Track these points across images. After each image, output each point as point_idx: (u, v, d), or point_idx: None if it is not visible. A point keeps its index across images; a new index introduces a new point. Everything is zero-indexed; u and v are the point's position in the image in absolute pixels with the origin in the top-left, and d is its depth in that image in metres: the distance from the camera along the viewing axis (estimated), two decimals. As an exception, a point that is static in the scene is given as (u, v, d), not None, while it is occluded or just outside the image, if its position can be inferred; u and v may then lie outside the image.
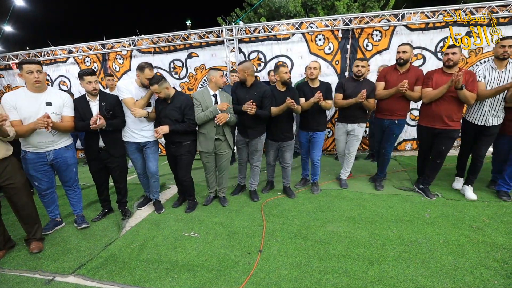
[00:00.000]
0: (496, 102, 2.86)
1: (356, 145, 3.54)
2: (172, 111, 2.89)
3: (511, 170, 3.02)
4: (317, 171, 3.57)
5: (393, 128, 3.30)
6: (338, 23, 4.79)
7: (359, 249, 2.35)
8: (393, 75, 3.20)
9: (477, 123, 3.00)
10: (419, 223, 2.72)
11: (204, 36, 5.20)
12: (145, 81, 2.88)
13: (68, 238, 2.74)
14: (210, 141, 3.03)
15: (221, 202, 3.35)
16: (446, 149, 3.06)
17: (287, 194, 3.52)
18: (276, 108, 3.07)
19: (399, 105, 3.21)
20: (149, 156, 3.10)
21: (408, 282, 1.95)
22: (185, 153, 3.02)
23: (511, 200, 3.05)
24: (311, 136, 3.42)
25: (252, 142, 3.25)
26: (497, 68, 2.83)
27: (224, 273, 2.13)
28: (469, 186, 3.23)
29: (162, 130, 2.86)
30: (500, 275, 1.96)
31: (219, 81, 2.97)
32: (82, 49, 5.68)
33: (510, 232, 2.48)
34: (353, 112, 3.35)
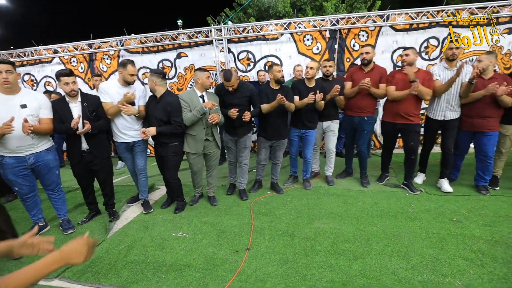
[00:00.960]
0: (452, 98, 3.10)
1: (334, 140, 3.67)
2: (160, 112, 2.88)
3: (480, 165, 3.22)
4: (308, 167, 3.66)
5: (363, 125, 3.46)
6: (325, 23, 4.86)
7: (344, 244, 2.41)
8: (359, 75, 3.35)
9: (438, 118, 3.22)
10: (403, 218, 2.80)
11: (193, 36, 5.19)
12: (129, 78, 2.84)
13: (54, 242, 2.70)
14: (199, 142, 3.03)
15: (211, 202, 3.36)
16: (415, 144, 3.26)
17: (276, 190, 3.58)
18: (267, 105, 3.11)
19: (366, 102, 3.37)
20: (137, 154, 3.11)
21: (390, 274, 2.01)
22: (171, 154, 3.01)
23: (490, 193, 3.19)
24: (303, 133, 3.48)
25: (241, 139, 3.27)
26: (448, 68, 3.12)
27: (211, 272, 2.15)
28: (444, 179, 3.39)
29: (149, 132, 2.85)
30: (476, 265, 2.05)
31: (205, 82, 2.96)
32: (68, 49, 5.58)
33: (487, 224, 2.58)
34: (326, 110, 3.46)
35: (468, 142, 3.26)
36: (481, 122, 3.03)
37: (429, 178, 3.70)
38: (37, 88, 5.89)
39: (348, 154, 3.94)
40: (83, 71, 5.65)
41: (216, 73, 5.30)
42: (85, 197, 3.10)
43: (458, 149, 3.37)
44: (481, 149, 3.14)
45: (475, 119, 3.06)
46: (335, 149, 3.78)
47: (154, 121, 2.90)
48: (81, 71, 5.66)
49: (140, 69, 5.47)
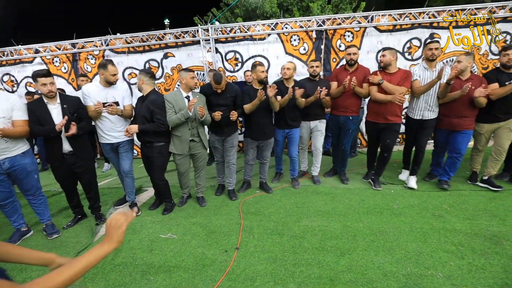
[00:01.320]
0: (431, 98, 3.17)
1: (321, 140, 3.72)
2: (144, 110, 2.86)
3: (449, 161, 3.34)
4: (295, 166, 3.71)
5: (348, 124, 3.54)
6: (312, 24, 4.92)
7: (332, 241, 2.45)
8: (344, 75, 3.41)
9: (416, 117, 3.30)
10: (388, 214, 2.88)
11: (180, 36, 5.14)
12: (111, 78, 2.81)
13: (37, 247, 2.63)
14: (185, 143, 3.02)
15: (199, 203, 3.35)
16: (391, 142, 3.36)
17: (264, 189, 3.62)
18: (249, 104, 3.12)
19: (351, 101, 3.45)
20: (122, 155, 3.07)
21: (376, 269, 2.07)
22: (156, 155, 2.98)
23: (451, 188, 3.36)
24: (288, 133, 3.53)
25: (228, 138, 3.29)
26: (428, 68, 3.17)
27: (200, 272, 2.15)
28: (413, 176, 3.53)
29: (131, 129, 2.85)
30: (456, 257, 2.14)
31: (189, 82, 2.94)
32: (50, 49, 5.42)
33: (467, 218, 2.70)
34: (313, 110, 3.52)
35: (445, 140, 3.38)
36: (458, 121, 3.14)
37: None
38: (18, 89, 5.69)
39: (335, 153, 4.02)
40: (66, 71, 5.50)
41: (204, 74, 5.27)
42: (69, 200, 3.02)
43: (438, 147, 3.50)
44: (455, 146, 3.25)
45: (453, 119, 3.16)
46: (323, 148, 3.84)
47: (139, 120, 2.89)
48: (64, 72, 5.50)
49: (126, 70, 5.37)
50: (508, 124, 3.09)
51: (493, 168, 3.26)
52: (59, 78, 5.48)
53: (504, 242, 2.30)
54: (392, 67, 3.19)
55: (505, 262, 2.06)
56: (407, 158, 3.73)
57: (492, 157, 3.24)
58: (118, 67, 5.23)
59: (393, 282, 1.93)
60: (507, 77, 2.98)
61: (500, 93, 2.94)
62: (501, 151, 3.17)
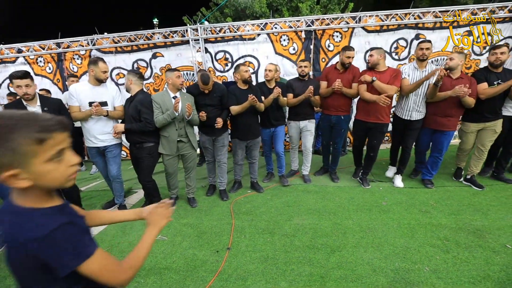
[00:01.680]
0: (419, 99, 3.22)
1: (311, 140, 3.75)
2: (132, 110, 2.84)
3: (431, 160, 3.44)
4: (283, 163, 3.76)
5: (340, 123, 3.59)
6: (301, 24, 4.96)
7: (322, 239, 2.49)
8: (334, 74, 3.46)
9: (404, 117, 3.34)
10: (377, 210, 2.94)
11: (169, 35, 5.09)
12: (102, 75, 2.76)
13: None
14: (172, 143, 3.01)
15: (190, 204, 3.33)
16: (378, 142, 3.44)
17: (256, 189, 3.63)
18: (238, 107, 3.13)
19: (342, 101, 3.49)
20: (109, 160, 3.03)
21: (365, 265, 2.11)
22: (146, 155, 2.95)
23: (435, 186, 3.44)
24: (273, 131, 3.58)
25: (219, 138, 3.29)
26: (418, 68, 3.20)
27: (192, 273, 2.14)
28: (399, 175, 3.61)
29: (117, 128, 2.84)
30: (442, 251, 2.21)
31: (175, 82, 2.92)
32: (34, 48, 5.26)
33: (452, 213, 2.78)
34: (303, 110, 3.54)
35: (428, 139, 3.45)
36: (444, 121, 3.19)
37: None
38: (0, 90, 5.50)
39: (325, 152, 4.06)
40: (51, 71, 5.35)
41: (193, 74, 5.23)
42: None
43: (421, 146, 3.58)
44: (438, 146, 3.33)
45: (439, 117, 3.20)
46: (314, 147, 3.89)
47: (128, 120, 2.88)
48: (49, 72, 5.36)
49: (114, 70, 5.28)
50: (493, 125, 3.14)
51: (476, 167, 3.35)
52: (44, 79, 5.34)
53: (486, 236, 2.38)
54: (381, 66, 3.23)
55: (487, 255, 2.14)
56: (394, 156, 3.82)
57: (475, 156, 3.33)
58: (105, 67, 5.24)
59: (382, 278, 1.98)
60: (495, 76, 3.02)
61: (490, 93, 2.97)
62: (484, 151, 3.25)
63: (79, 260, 0.72)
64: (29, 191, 0.72)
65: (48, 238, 0.68)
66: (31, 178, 0.69)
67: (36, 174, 0.69)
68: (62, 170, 0.74)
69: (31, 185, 0.70)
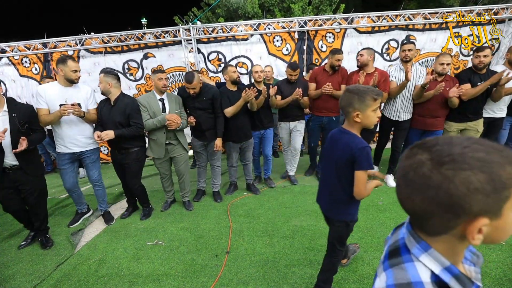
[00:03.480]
0: (407, 100, 3.27)
1: (300, 140, 3.73)
2: (117, 115, 2.67)
3: None
4: (270, 165, 3.80)
5: (331, 124, 3.61)
6: (294, 25, 4.97)
7: (321, 240, 2.48)
8: (323, 76, 3.47)
9: (392, 118, 3.40)
10: (374, 210, 2.96)
11: (160, 36, 5.00)
12: (72, 75, 2.55)
13: (9, 262, 2.43)
14: (161, 147, 2.93)
15: (186, 207, 3.27)
16: (366, 141, 3.43)
17: (252, 190, 3.60)
18: (232, 107, 3.08)
19: (333, 102, 3.50)
20: (88, 166, 2.85)
21: (365, 265, 2.12)
22: (133, 160, 2.83)
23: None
24: (263, 133, 3.56)
25: (211, 143, 3.20)
26: (403, 69, 3.23)
27: (191, 279, 2.09)
28: (390, 175, 3.67)
29: (107, 136, 2.57)
30: (440, 250, 2.23)
31: (157, 84, 2.82)
32: (19, 48, 5.06)
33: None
34: (292, 111, 3.53)
35: (418, 140, 3.48)
36: (432, 121, 3.27)
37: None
38: (-18, 92, 5.27)
39: (313, 153, 4.05)
40: (37, 72, 5.16)
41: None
42: (19, 220, 2.61)
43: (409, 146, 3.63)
44: None
45: (427, 119, 3.27)
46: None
47: (111, 126, 2.66)
48: (35, 73, 5.17)
49: (104, 70, 5.14)
50: (475, 125, 3.23)
51: None
52: (30, 80, 5.15)
53: (481, 233, 2.43)
54: (369, 67, 3.26)
55: (483, 252, 2.18)
56: (378, 156, 3.86)
57: None
58: (95, 68, 5.10)
59: (382, 278, 1.98)
60: (478, 78, 3.10)
61: (471, 94, 3.04)
62: None
63: (365, 167, 1.46)
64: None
65: (364, 148, 1.44)
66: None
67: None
68: None
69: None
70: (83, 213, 3.12)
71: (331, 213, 1.72)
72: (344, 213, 1.66)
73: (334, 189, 1.61)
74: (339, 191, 1.59)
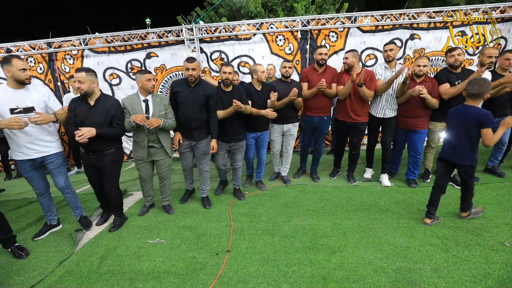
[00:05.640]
0: (390, 97, 3.32)
1: (292, 143, 3.71)
2: (97, 115, 2.52)
3: (411, 160, 3.51)
4: (262, 169, 3.72)
5: (323, 124, 3.60)
6: (296, 24, 4.95)
7: (322, 239, 2.47)
8: (314, 75, 3.45)
9: (378, 116, 3.43)
10: (376, 210, 2.94)
11: (163, 35, 5.02)
12: (20, 75, 2.29)
13: (13, 259, 2.46)
14: (143, 149, 2.84)
15: (166, 211, 3.16)
16: (358, 141, 3.54)
17: (237, 196, 3.46)
18: (223, 112, 2.99)
19: (324, 102, 3.50)
20: (53, 172, 2.62)
21: (366, 265, 2.10)
22: (109, 163, 2.67)
23: (418, 186, 3.49)
24: (259, 136, 3.45)
25: (199, 145, 3.04)
26: (388, 68, 3.33)
27: (192, 277, 2.10)
28: (385, 174, 3.65)
29: (89, 132, 2.34)
30: (442, 250, 2.22)
31: (146, 85, 2.71)
32: (24, 48, 5.13)
33: (450, 211, 2.81)
34: (286, 113, 3.45)
35: (403, 139, 3.53)
36: (413, 121, 3.29)
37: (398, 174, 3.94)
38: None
39: (304, 153, 4.00)
40: (42, 72, 5.23)
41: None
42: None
43: (396, 146, 3.62)
44: (412, 145, 3.42)
45: (408, 119, 3.31)
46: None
47: (89, 126, 2.44)
48: (40, 72, 5.23)
49: (107, 70, 5.18)
50: None
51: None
52: (34, 79, 5.20)
53: (484, 234, 2.40)
54: (356, 68, 3.27)
55: (486, 253, 2.16)
56: (370, 157, 3.82)
57: None
58: (98, 68, 5.15)
59: (383, 278, 1.97)
60: (455, 77, 3.15)
61: (451, 93, 3.09)
62: None
63: (491, 126, 2.26)
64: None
65: (489, 113, 2.28)
66: None
67: None
68: None
69: None
70: (52, 225, 2.87)
71: (462, 160, 2.45)
72: (471, 159, 2.42)
73: (465, 144, 2.40)
74: (468, 145, 2.39)
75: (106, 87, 5.25)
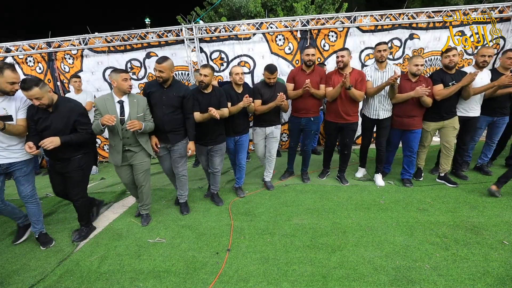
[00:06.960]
0: (383, 98, 3.30)
1: (276, 146, 3.59)
2: (56, 121, 2.35)
3: (406, 160, 3.53)
4: (242, 174, 3.54)
5: (310, 125, 3.56)
6: (296, 24, 4.96)
7: (322, 238, 2.48)
8: (301, 76, 3.40)
9: (372, 117, 3.41)
10: (375, 209, 2.95)
11: (163, 35, 5.02)
12: (7, 87, 2.20)
13: (13, 258, 2.47)
14: (118, 153, 2.63)
15: (142, 222, 2.94)
16: (350, 141, 3.53)
17: (215, 201, 3.35)
18: (200, 116, 2.87)
19: (311, 103, 3.45)
20: (20, 180, 2.45)
21: (366, 264, 2.11)
22: (74, 169, 2.52)
23: (413, 185, 3.50)
24: (238, 140, 3.32)
25: (175, 147, 2.89)
26: (379, 69, 3.29)
27: (192, 276, 2.10)
28: (378, 174, 3.65)
29: (52, 143, 2.21)
30: (441, 248, 2.23)
31: (121, 85, 2.50)
32: (23, 48, 5.12)
33: (449, 210, 2.82)
34: (270, 116, 3.37)
35: (398, 139, 3.53)
36: (409, 121, 3.29)
37: (395, 170, 3.94)
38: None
39: (292, 155, 3.93)
40: (42, 71, 5.22)
41: (188, 73, 5.18)
42: None
43: (390, 146, 3.62)
44: (408, 145, 3.44)
45: (404, 119, 3.31)
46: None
47: (50, 135, 2.29)
48: (39, 72, 5.22)
49: (107, 70, 5.18)
50: (451, 123, 3.29)
51: (446, 165, 3.46)
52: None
53: (483, 232, 2.42)
54: (348, 67, 3.27)
55: (485, 251, 2.17)
56: (364, 157, 3.83)
57: (443, 154, 3.45)
58: (98, 67, 5.15)
59: (383, 276, 1.98)
60: (450, 77, 3.17)
61: (444, 94, 3.12)
62: (449, 148, 3.37)
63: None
64: None
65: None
66: None
67: None
68: None
69: None
70: (26, 225, 2.74)
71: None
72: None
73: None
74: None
75: (106, 86, 5.26)
